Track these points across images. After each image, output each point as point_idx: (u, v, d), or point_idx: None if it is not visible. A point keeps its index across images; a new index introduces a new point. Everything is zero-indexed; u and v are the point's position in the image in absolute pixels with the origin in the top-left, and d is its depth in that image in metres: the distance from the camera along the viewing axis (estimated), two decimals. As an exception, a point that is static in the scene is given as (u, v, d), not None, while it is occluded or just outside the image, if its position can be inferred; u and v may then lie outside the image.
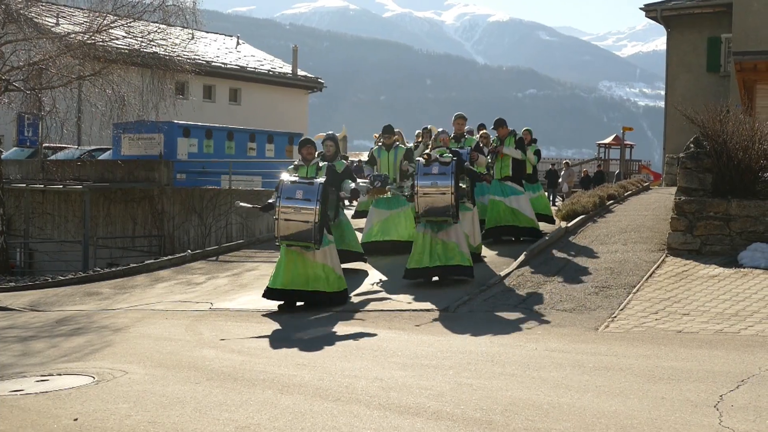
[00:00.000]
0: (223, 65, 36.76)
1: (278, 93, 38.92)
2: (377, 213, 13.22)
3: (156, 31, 20.59)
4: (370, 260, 12.89)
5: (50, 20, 22.63)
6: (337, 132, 13.09)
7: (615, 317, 8.95)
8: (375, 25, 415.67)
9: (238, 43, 42.80)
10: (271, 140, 24.94)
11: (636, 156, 43.45)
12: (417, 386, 6.26)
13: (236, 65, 37.68)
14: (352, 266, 12.36)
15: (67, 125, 20.74)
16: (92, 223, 21.43)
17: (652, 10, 26.31)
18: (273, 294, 10.30)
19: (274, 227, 10.20)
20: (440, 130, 11.99)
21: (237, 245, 17.02)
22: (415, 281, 11.17)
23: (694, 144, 12.79)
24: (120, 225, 21.74)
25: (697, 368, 6.58)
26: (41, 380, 7.07)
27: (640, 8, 26.77)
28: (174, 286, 13.45)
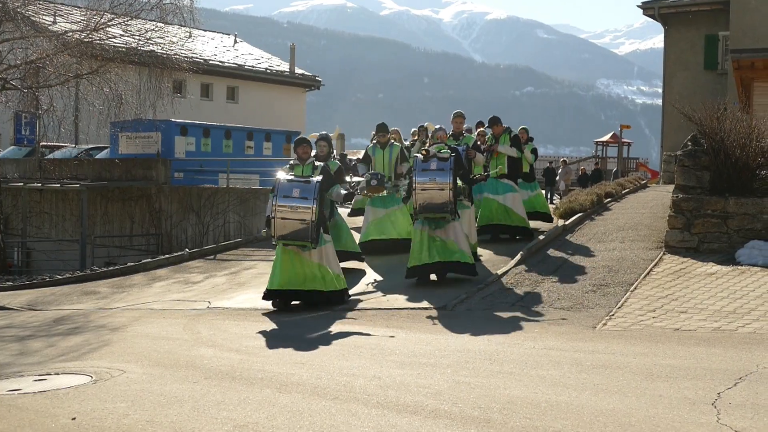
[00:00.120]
0: (221, 63, 36.74)
1: (276, 91, 38.90)
2: (373, 212, 13.20)
3: (153, 30, 20.57)
4: (368, 260, 12.88)
5: (47, 18, 22.58)
6: (330, 132, 13.06)
7: (613, 315, 8.95)
8: (372, 23, 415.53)
9: (236, 42, 42.78)
10: (269, 138, 24.93)
11: (634, 154, 43.49)
12: (415, 385, 6.26)
13: (234, 63, 37.66)
14: (349, 266, 12.35)
15: (65, 124, 20.71)
16: (90, 222, 21.41)
17: (650, 8, 26.32)
18: (272, 295, 10.28)
19: (271, 226, 10.18)
20: (437, 127, 11.97)
21: (235, 244, 17.02)
22: (413, 281, 11.11)
23: (692, 142, 12.80)
24: (117, 224, 21.72)
25: (695, 366, 6.58)
26: (39, 379, 7.06)
27: (638, 6, 26.77)
28: (172, 285, 13.44)
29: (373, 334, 8.59)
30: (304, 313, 10.03)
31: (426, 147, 11.21)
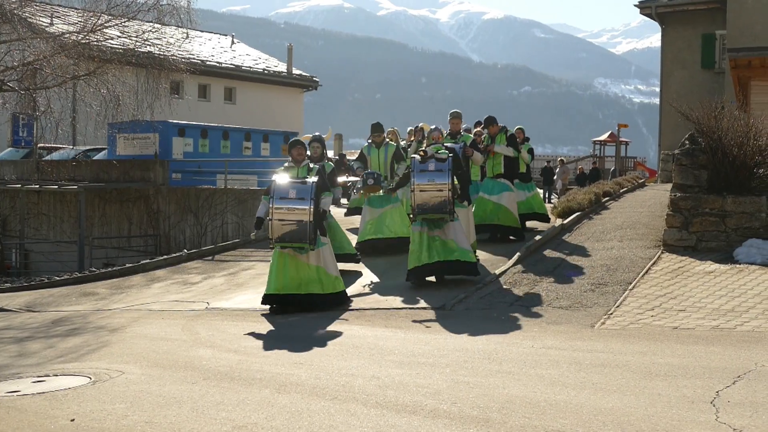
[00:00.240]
0: (218, 64, 36.73)
1: (273, 92, 38.89)
2: (370, 211, 13.17)
3: (150, 31, 20.56)
4: (365, 260, 12.87)
5: (44, 20, 22.54)
6: (323, 133, 13.03)
7: (611, 314, 8.96)
8: (370, 24, 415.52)
9: (233, 42, 42.77)
10: (267, 139, 24.94)
11: (631, 153, 43.52)
12: (414, 384, 6.26)
13: (231, 64, 37.65)
14: (345, 267, 12.31)
15: (62, 125, 20.68)
16: (88, 224, 21.41)
17: (647, 7, 26.33)
18: (270, 300, 10.21)
19: (268, 228, 10.14)
20: (433, 128, 11.93)
21: (233, 244, 17.00)
22: (411, 282, 11.04)
23: (689, 140, 12.81)
24: (115, 225, 21.72)
25: (694, 364, 6.59)
26: (38, 381, 7.05)
27: (635, 5, 26.79)
28: (170, 286, 13.43)
29: (372, 334, 8.59)
30: (303, 314, 10.03)
31: (424, 148, 11.17)
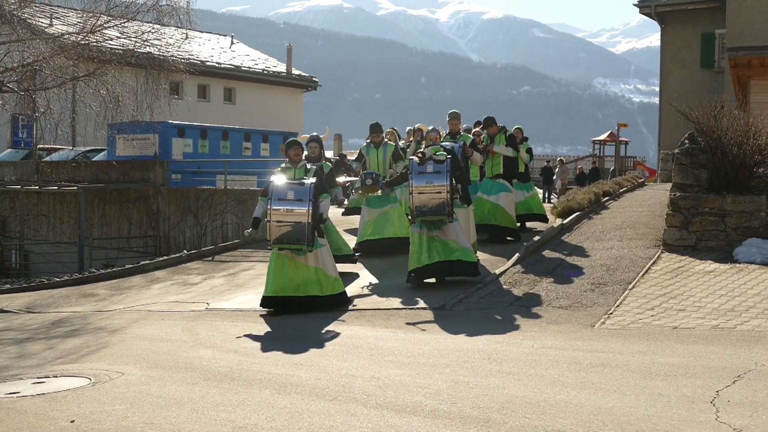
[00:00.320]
0: (218, 65, 36.74)
1: (273, 92, 38.89)
2: (369, 212, 13.14)
3: (150, 31, 20.56)
4: (364, 261, 12.85)
5: (44, 21, 22.56)
6: (321, 133, 13.02)
7: (611, 314, 8.96)
8: (369, 24, 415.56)
9: (233, 43, 42.78)
10: (266, 139, 24.95)
11: (631, 152, 43.55)
12: (414, 385, 6.26)
13: (230, 65, 37.66)
14: (342, 269, 12.23)
15: (62, 126, 20.68)
16: (87, 224, 21.41)
17: (646, 6, 26.32)
18: (269, 302, 10.16)
19: (266, 230, 10.10)
20: (430, 129, 11.89)
21: (233, 245, 17.00)
22: (412, 283, 10.98)
23: (689, 140, 12.80)
24: (115, 226, 21.72)
25: (694, 364, 6.59)
26: (38, 382, 7.05)
27: (634, 4, 26.77)
28: (170, 287, 13.43)
29: (372, 334, 8.59)
30: (303, 315, 10.02)
31: (422, 150, 11.12)
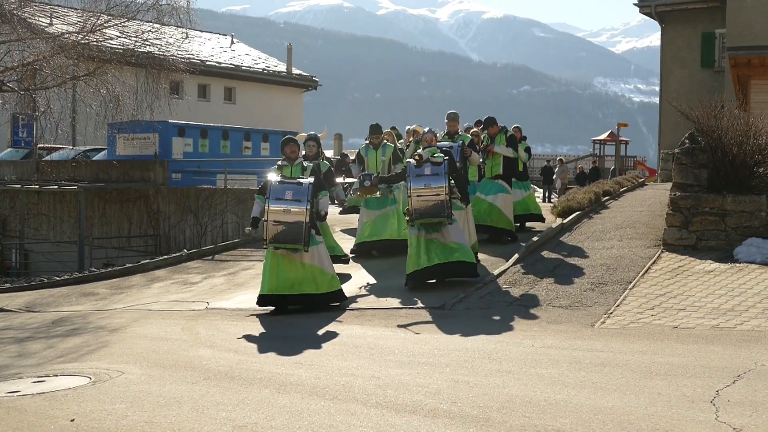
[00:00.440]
0: (218, 64, 36.74)
1: (273, 92, 38.88)
2: (367, 213, 13.09)
3: (150, 31, 20.57)
4: (362, 262, 12.82)
5: (44, 20, 22.56)
6: (319, 132, 12.94)
7: (611, 313, 8.96)
8: (369, 23, 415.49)
9: (233, 42, 42.77)
10: (267, 139, 24.93)
11: (631, 152, 43.57)
12: (414, 384, 6.26)
13: (231, 64, 37.65)
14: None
15: (62, 126, 20.69)
16: (88, 224, 21.41)
17: (646, 6, 26.30)
18: (265, 300, 10.12)
19: (263, 229, 10.08)
20: (426, 130, 11.81)
21: (233, 244, 17.00)
22: (410, 286, 10.84)
23: (689, 140, 12.80)
24: (115, 225, 21.72)
25: (694, 364, 6.59)
26: (38, 381, 7.06)
27: (634, 4, 26.76)
28: (170, 286, 13.43)
29: (372, 334, 8.59)
30: (303, 314, 10.03)
31: (419, 152, 11.03)
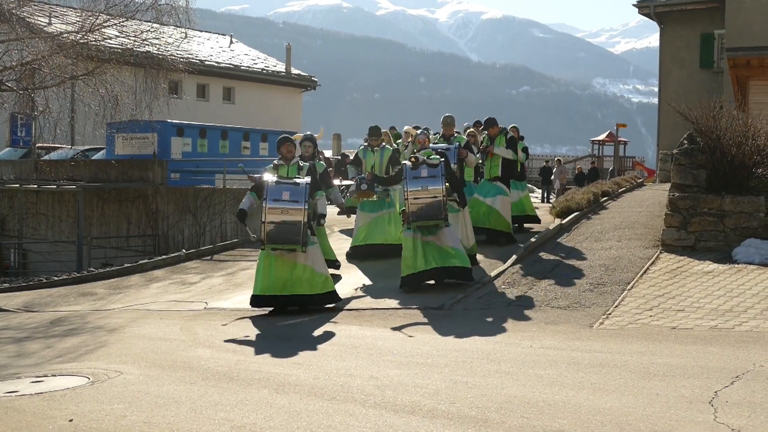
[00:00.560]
0: (217, 64, 36.72)
1: (272, 91, 38.87)
2: (362, 216, 13.02)
3: (149, 30, 20.55)
4: (358, 264, 12.79)
5: (42, 20, 22.55)
6: (315, 132, 12.90)
7: (609, 314, 8.96)
8: (368, 23, 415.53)
9: (232, 42, 42.76)
10: (265, 139, 24.92)
11: (630, 152, 43.60)
12: (412, 385, 6.26)
13: (230, 64, 37.64)
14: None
15: (61, 125, 20.67)
16: (86, 223, 21.39)
17: (645, 7, 26.30)
18: (258, 301, 10.09)
19: (260, 230, 10.03)
20: (419, 132, 11.77)
21: (232, 244, 17.00)
22: (405, 289, 10.78)
23: (688, 140, 12.80)
24: (114, 225, 21.70)
25: (692, 364, 6.59)
26: (36, 381, 7.05)
27: (633, 5, 26.75)
28: (168, 286, 13.43)
29: (371, 334, 8.59)
30: (301, 315, 10.02)
31: (415, 154, 10.97)
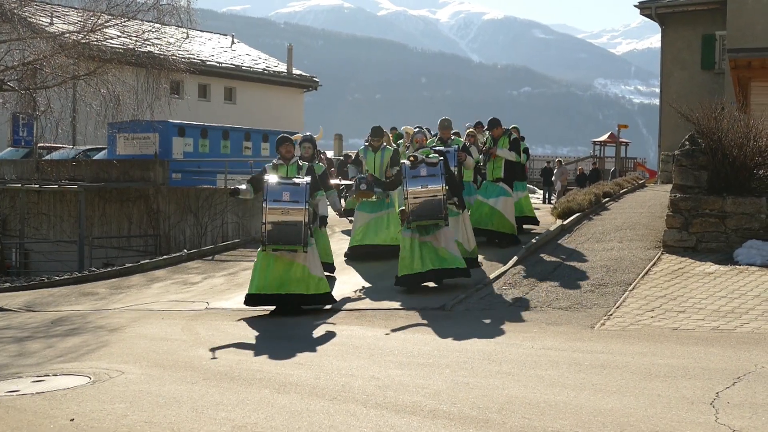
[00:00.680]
0: (218, 64, 36.74)
1: (273, 92, 38.89)
2: (361, 217, 12.98)
3: (150, 31, 20.58)
4: (356, 265, 12.78)
5: (44, 20, 22.57)
6: (315, 133, 12.88)
7: (611, 315, 8.96)
8: (370, 24, 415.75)
9: (233, 42, 42.78)
10: (267, 139, 24.92)
11: (631, 153, 43.59)
12: (413, 385, 6.26)
13: (231, 64, 37.66)
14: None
15: (62, 125, 20.70)
16: (87, 223, 21.40)
17: (647, 8, 26.29)
18: (252, 299, 10.07)
19: (260, 231, 9.99)
20: (415, 131, 11.74)
21: (233, 244, 17.01)
22: (401, 287, 10.82)
23: (689, 141, 12.80)
24: (115, 225, 21.71)
25: (694, 365, 6.58)
26: (37, 381, 7.05)
27: (635, 6, 26.74)
28: (170, 286, 13.43)
29: (372, 334, 8.59)
30: (302, 315, 10.02)
31: (414, 153, 10.94)
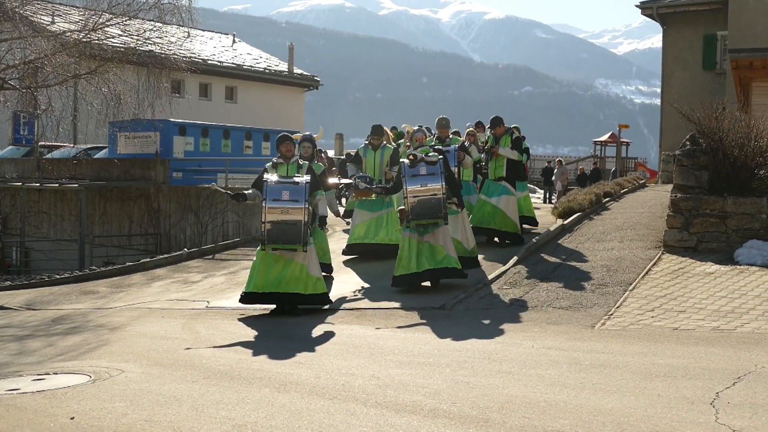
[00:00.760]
0: (219, 63, 36.75)
1: (274, 91, 38.90)
2: (360, 215, 12.97)
3: (152, 30, 20.58)
4: (355, 264, 12.76)
5: (46, 18, 22.59)
6: (315, 133, 12.86)
7: (611, 315, 8.96)
8: (371, 23, 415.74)
9: (234, 41, 42.78)
10: (268, 138, 24.91)
11: (632, 153, 43.59)
12: (414, 384, 6.26)
13: (232, 63, 37.67)
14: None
15: (63, 124, 20.71)
16: (88, 222, 21.42)
17: (648, 8, 26.28)
18: (249, 298, 10.04)
19: (260, 230, 9.97)
20: (415, 129, 11.70)
21: (233, 243, 17.02)
22: (397, 287, 10.81)
23: (690, 141, 12.79)
24: (116, 223, 21.73)
25: (694, 365, 6.58)
26: (38, 379, 7.05)
27: (636, 5, 26.73)
28: (170, 285, 13.44)
29: (372, 334, 8.59)
30: (302, 314, 10.02)
31: (413, 152, 10.92)
